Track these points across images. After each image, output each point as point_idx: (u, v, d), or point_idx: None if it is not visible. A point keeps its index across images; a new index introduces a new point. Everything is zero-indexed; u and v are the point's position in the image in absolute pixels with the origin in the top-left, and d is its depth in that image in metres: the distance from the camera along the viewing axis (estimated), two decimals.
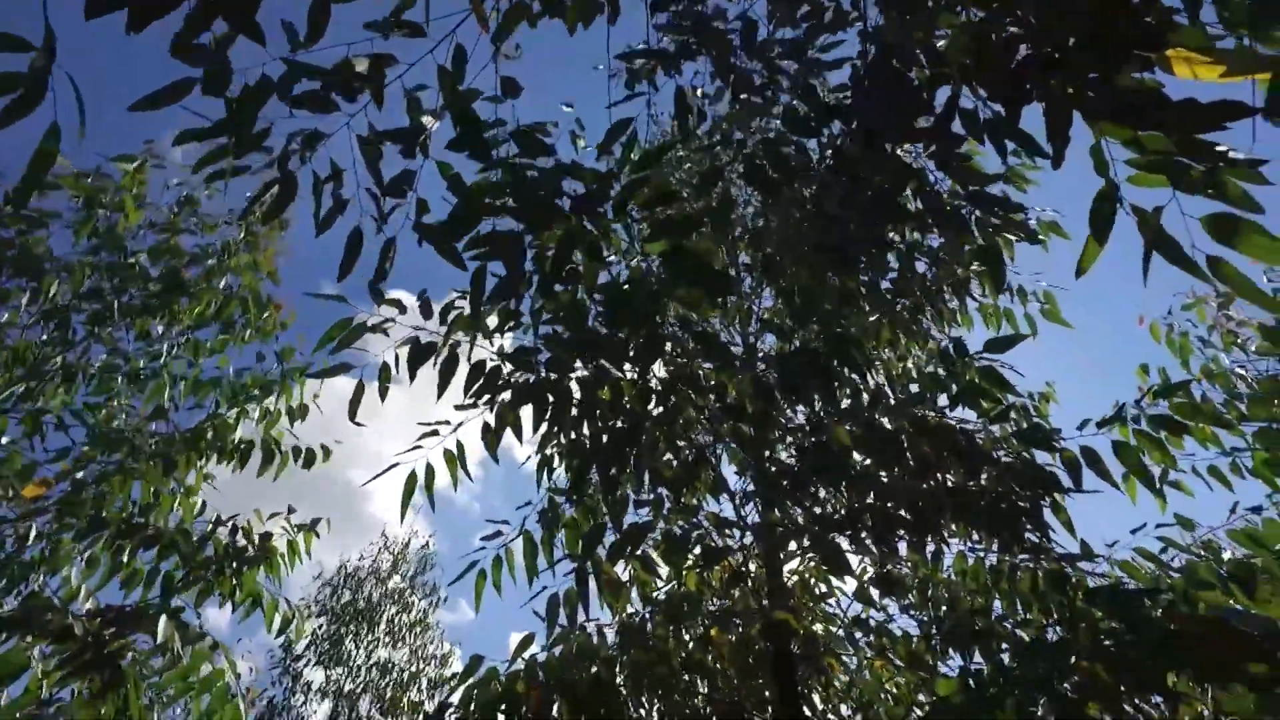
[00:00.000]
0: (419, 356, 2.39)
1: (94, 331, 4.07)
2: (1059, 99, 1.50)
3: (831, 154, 2.29)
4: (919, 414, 2.82)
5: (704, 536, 3.02)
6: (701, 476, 2.93)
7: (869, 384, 3.08)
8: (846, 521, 2.78)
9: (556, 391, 2.36)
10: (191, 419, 4.11)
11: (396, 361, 2.53)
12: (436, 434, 2.77)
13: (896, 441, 2.74)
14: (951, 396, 2.97)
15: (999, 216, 2.36)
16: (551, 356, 2.30)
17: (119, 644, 2.67)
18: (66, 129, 1.45)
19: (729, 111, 2.87)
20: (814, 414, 2.94)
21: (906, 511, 2.74)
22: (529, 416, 2.43)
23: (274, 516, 3.85)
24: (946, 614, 3.21)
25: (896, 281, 3.17)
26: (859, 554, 2.97)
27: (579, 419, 2.43)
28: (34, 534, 3.43)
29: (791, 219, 2.66)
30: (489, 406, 2.57)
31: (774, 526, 3.06)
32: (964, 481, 2.81)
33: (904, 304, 3.23)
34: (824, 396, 2.56)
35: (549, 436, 2.92)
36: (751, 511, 3.16)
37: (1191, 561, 2.82)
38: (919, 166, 2.30)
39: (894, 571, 3.19)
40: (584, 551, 2.85)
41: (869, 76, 1.95)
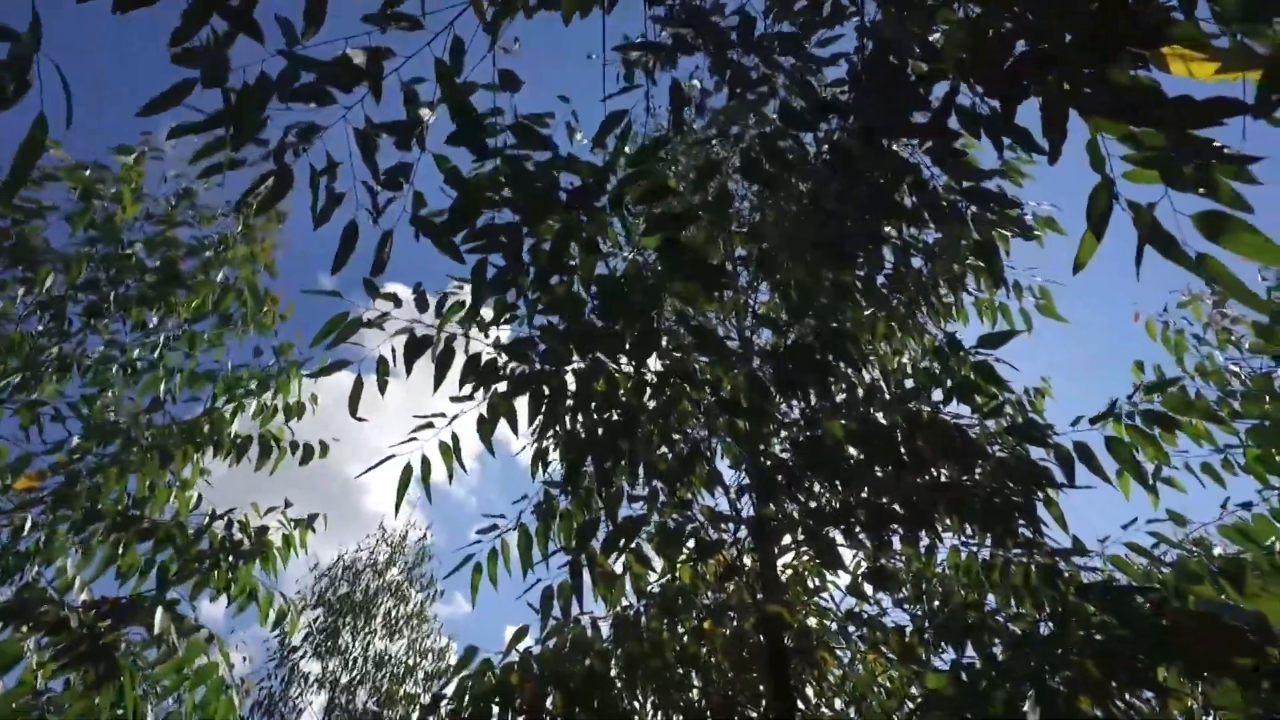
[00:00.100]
0: (415, 349, 2.39)
1: (90, 323, 4.05)
2: (1055, 95, 1.50)
3: (828, 149, 2.30)
4: (914, 409, 2.83)
5: (698, 530, 3.03)
6: (696, 470, 2.94)
7: (864, 379, 3.09)
8: (841, 516, 2.79)
9: (552, 384, 2.36)
10: (188, 412, 4.11)
11: (394, 355, 2.53)
12: (432, 426, 2.77)
13: (891, 436, 2.75)
14: (946, 391, 2.98)
15: (995, 212, 2.36)
16: (547, 349, 2.30)
17: (114, 636, 2.68)
18: (55, 121, 1.45)
19: (726, 106, 2.87)
20: (809, 409, 2.95)
21: (900, 506, 2.76)
22: (524, 409, 2.43)
23: (271, 511, 3.85)
24: (939, 608, 3.23)
25: (892, 276, 3.18)
26: (853, 548, 2.99)
27: (574, 412, 2.44)
28: (29, 525, 3.43)
29: (788, 214, 2.66)
30: (485, 399, 2.58)
31: (768, 520, 3.07)
32: (958, 476, 2.82)
33: (899, 299, 3.24)
34: (819, 391, 2.57)
35: (544, 429, 2.93)
36: (746, 505, 3.17)
37: (1183, 557, 2.84)
38: (915, 162, 2.30)
39: (887, 566, 3.20)
40: (578, 544, 2.86)
41: (866, 72, 1.95)
